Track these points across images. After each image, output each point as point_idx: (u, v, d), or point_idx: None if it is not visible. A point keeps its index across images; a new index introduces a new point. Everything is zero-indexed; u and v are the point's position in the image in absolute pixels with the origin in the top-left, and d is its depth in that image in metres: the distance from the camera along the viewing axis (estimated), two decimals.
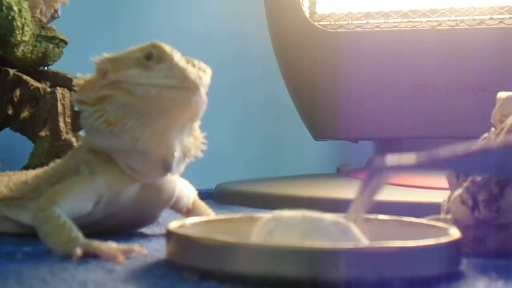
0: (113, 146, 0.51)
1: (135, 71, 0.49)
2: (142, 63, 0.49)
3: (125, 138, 0.50)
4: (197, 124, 0.53)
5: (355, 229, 0.41)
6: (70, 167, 0.53)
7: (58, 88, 0.79)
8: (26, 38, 0.79)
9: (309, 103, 0.90)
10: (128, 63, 0.50)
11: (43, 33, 0.82)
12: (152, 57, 0.49)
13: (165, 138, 0.50)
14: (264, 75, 1.09)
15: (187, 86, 0.48)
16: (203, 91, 0.49)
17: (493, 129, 0.50)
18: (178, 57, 0.49)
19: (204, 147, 0.54)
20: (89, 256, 0.45)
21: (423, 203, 0.66)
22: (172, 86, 0.48)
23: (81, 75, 0.52)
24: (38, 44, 0.81)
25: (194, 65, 0.49)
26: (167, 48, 0.49)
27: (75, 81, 0.52)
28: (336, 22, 0.87)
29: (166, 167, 0.51)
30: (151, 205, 0.55)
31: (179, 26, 1.06)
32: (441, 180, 0.53)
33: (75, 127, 0.78)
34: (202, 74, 0.49)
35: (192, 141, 0.53)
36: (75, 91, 0.52)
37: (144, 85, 0.49)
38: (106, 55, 0.51)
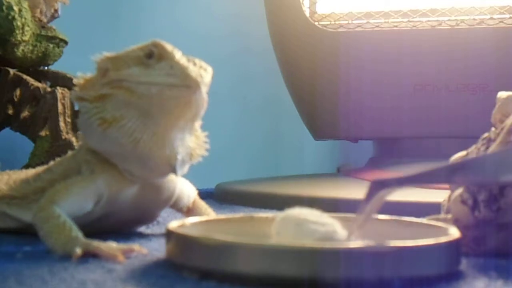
0: (110, 150, 0.51)
1: (136, 69, 0.49)
2: (142, 61, 0.49)
3: (125, 141, 0.49)
4: (198, 124, 0.52)
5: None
6: (73, 169, 0.53)
7: (58, 88, 0.80)
8: (26, 38, 0.79)
9: (309, 102, 0.90)
10: (129, 62, 0.50)
11: (43, 33, 0.82)
12: (152, 55, 0.49)
13: (166, 139, 0.50)
14: (265, 74, 1.09)
15: (188, 84, 0.48)
16: (204, 89, 0.49)
17: (493, 129, 0.50)
18: (179, 56, 0.49)
19: (208, 146, 0.53)
20: (89, 255, 0.45)
21: (423, 203, 0.66)
22: (173, 84, 0.48)
23: (82, 74, 0.52)
24: (38, 44, 0.81)
25: (195, 64, 0.49)
26: (168, 46, 0.49)
27: (75, 80, 0.52)
28: (336, 22, 0.87)
29: (172, 170, 0.51)
30: (151, 204, 0.55)
31: (180, 24, 1.06)
32: None
33: (75, 127, 0.78)
34: (203, 73, 0.49)
35: (194, 140, 0.52)
36: (75, 90, 0.52)
37: (145, 83, 0.49)
38: (106, 54, 0.51)
